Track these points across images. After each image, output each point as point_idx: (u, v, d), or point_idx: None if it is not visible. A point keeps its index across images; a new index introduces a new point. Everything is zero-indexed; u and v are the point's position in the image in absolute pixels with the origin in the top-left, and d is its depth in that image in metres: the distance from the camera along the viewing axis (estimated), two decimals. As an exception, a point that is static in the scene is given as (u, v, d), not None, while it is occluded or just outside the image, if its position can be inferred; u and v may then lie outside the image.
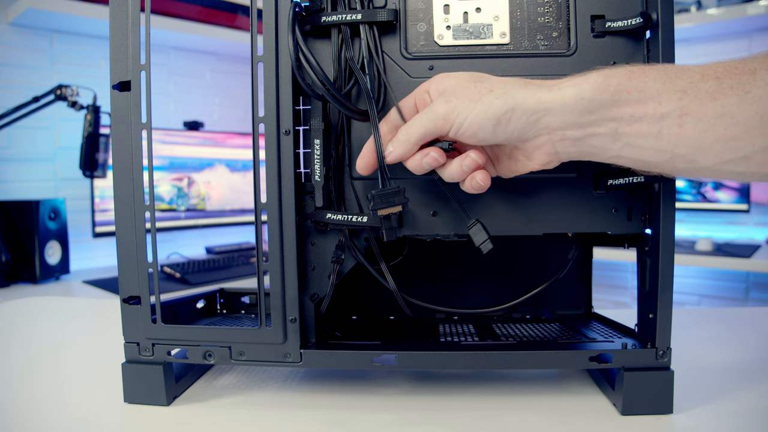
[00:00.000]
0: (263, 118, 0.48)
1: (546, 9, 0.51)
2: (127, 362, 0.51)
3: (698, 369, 0.59)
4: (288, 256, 0.49)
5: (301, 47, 0.46)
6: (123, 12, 0.48)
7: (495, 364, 0.50)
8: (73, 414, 0.50)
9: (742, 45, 2.12)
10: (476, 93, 0.42)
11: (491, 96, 0.42)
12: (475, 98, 0.42)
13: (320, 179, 0.49)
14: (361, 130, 0.51)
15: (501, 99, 0.42)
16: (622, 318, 0.59)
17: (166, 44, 2.22)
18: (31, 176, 1.91)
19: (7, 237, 1.72)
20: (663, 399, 0.48)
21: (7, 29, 1.84)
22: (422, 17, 0.51)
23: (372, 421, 0.48)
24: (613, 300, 2.47)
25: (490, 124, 0.42)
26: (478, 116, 0.42)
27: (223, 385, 0.56)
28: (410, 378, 0.58)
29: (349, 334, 0.58)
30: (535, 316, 0.66)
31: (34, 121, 1.81)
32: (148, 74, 0.49)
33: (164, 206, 2.07)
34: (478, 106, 0.42)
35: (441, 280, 0.67)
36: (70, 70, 1.96)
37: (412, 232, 0.51)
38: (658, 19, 0.47)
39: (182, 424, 0.48)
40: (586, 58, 0.50)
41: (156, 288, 0.50)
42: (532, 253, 0.66)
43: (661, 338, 0.48)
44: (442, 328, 0.61)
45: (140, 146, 0.49)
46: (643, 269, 0.51)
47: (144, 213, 0.49)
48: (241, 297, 0.69)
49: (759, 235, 2.22)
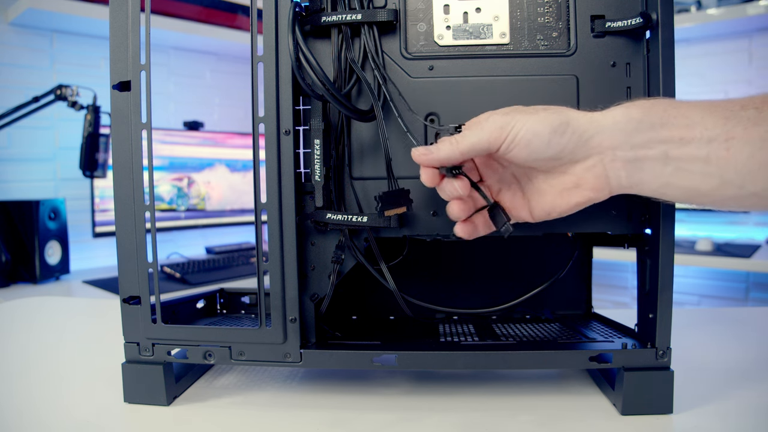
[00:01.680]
0: (263, 118, 0.48)
1: (546, 9, 0.51)
2: (127, 362, 0.51)
3: (698, 369, 0.59)
4: (288, 256, 0.49)
5: (301, 47, 0.46)
6: (123, 12, 0.48)
7: (495, 364, 0.50)
8: (73, 414, 0.50)
9: (742, 45, 2.12)
10: (531, 110, 0.43)
11: (546, 112, 0.43)
12: (530, 112, 0.43)
13: (320, 179, 0.49)
14: (361, 130, 0.51)
15: (555, 114, 0.42)
16: (622, 318, 0.59)
17: (166, 44, 2.22)
18: (31, 176, 1.91)
19: (7, 237, 1.71)
20: (663, 399, 0.48)
21: (7, 29, 1.84)
22: (422, 17, 0.51)
23: (372, 421, 0.48)
24: (613, 300, 2.47)
25: (547, 131, 0.42)
26: (534, 125, 0.42)
27: (223, 385, 0.56)
28: (410, 378, 0.58)
29: (349, 334, 0.58)
30: (535, 316, 0.66)
31: (34, 121, 1.81)
32: (148, 74, 0.49)
33: (164, 206, 2.07)
34: (534, 116, 0.42)
35: (441, 280, 0.67)
36: (70, 70, 1.96)
37: (412, 232, 0.51)
38: (658, 19, 0.47)
39: (182, 424, 0.48)
40: (586, 58, 0.50)
41: (156, 288, 0.50)
42: (532, 253, 0.66)
43: (661, 338, 0.48)
44: (442, 328, 0.61)
45: (140, 146, 0.49)
46: (643, 269, 0.51)
47: (144, 213, 0.49)
48: (241, 297, 0.69)
49: (759, 235, 2.22)
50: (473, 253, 0.66)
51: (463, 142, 0.43)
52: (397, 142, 0.50)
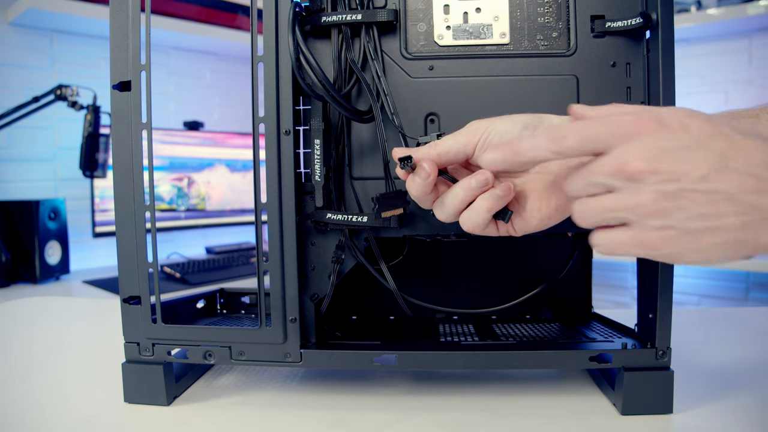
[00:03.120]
0: (263, 118, 0.48)
1: (546, 9, 0.51)
2: (127, 362, 0.51)
3: (698, 369, 0.59)
4: (288, 256, 0.49)
5: (301, 47, 0.46)
6: (123, 12, 0.48)
7: (495, 364, 0.50)
8: (73, 414, 0.50)
9: (742, 45, 2.12)
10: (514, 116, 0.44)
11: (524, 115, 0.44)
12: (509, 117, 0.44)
13: (320, 179, 0.49)
14: (361, 130, 0.51)
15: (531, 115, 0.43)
16: (622, 318, 0.59)
17: (166, 44, 2.22)
18: (31, 176, 1.91)
19: (7, 237, 1.71)
20: (663, 399, 0.48)
21: (7, 29, 1.83)
22: (422, 17, 0.51)
23: (372, 421, 0.48)
24: (613, 300, 2.47)
25: (517, 128, 0.43)
26: (505, 124, 0.43)
27: (223, 385, 0.56)
28: (410, 378, 0.58)
29: (349, 334, 0.58)
30: (535, 316, 0.66)
31: (34, 121, 1.81)
32: (148, 74, 0.49)
33: (164, 206, 2.07)
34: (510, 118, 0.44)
35: (441, 280, 0.67)
36: (70, 70, 1.96)
37: (412, 232, 0.51)
38: (658, 19, 0.47)
39: (182, 424, 0.48)
40: (586, 58, 0.50)
41: (156, 288, 0.50)
42: (532, 253, 0.66)
43: (661, 338, 0.48)
44: (442, 328, 0.61)
45: (140, 146, 0.49)
46: (643, 269, 0.51)
47: (144, 213, 0.49)
48: (241, 297, 0.69)
49: (759, 235, 2.21)
50: (473, 253, 0.66)
51: (441, 145, 0.43)
52: (396, 142, 0.50)
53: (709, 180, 0.32)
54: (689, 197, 0.32)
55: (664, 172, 0.32)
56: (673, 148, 0.33)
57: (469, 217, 0.43)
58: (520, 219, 0.44)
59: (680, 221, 0.33)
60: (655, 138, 0.33)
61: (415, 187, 0.43)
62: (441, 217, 0.45)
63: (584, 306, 0.67)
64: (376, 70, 0.49)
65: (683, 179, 0.32)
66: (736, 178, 0.31)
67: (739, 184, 0.31)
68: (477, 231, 0.44)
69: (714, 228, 0.32)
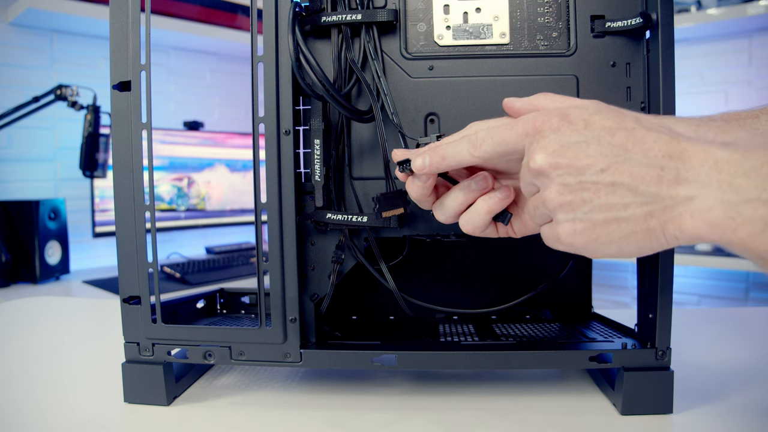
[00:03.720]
0: (263, 118, 0.48)
1: (546, 9, 0.51)
2: (127, 362, 0.51)
3: (698, 369, 0.59)
4: (288, 256, 0.49)
5: (301, 47, 0.46)
6: (123, 12, 0.48)
7: (495, 364, 0.50)
8: (73, 414, 0.50)
9: (742, 45, 2.12)
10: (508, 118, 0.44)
11: None
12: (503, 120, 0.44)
13: (320, 179, 0.50)
14: (361, 130, 0.51)
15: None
16: (622, 318, 0.59)
17: (166, 44, 2.22)
18: (31, 176, 1.91)
19: (7, 237, 1.71)
20: (663, 399, 0.48)
21: (7, 29, 1.84)
22: (422, 17, 0.51)
23: (372, 421, 0.48)
24: (613, 300, 2.47)
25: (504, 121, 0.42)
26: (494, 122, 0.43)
27: (223, 385, 0.56)
28: (410, 378, 0.58)
29: (349, 334, 0.58)
30: (535, 316, 0.66)
31: (34, 121, 1.81)
32: (148, 74, 0.49)
33: (164, 206, 2.07)
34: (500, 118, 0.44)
35: (441, 280, 0.67)
36: (70, 70, 1.96)
37: (412, 232, 0.51)
38: (658, 19, 0.47)
39: (182, 424, 0.48)
40: (586, 58, 0.50)
41: (156, 288, 0.50)
42: (532, 253, 0.66)
43: (661, 338, 0.48)
44: (442, 328, 0.61)
45: (140, 146, 0.49)
46: (642, 269, 0.51)
47: (144, 213, 0.49)
48: (241, 297, 0.69)
49: (759, 235, 2.21)
50: (473, 253, 0.66)
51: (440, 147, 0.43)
52: (396, 142, 0.50)
53: (609, 172, 0.33)
54: (591, 189, 0.34)
55: (565, 167, 0.34)
56: (574, 143, 0.34)
57: (468, 219, 0.43)
58: (519, 221, 0.44)
59: (586, 213, 0.34)
60: (558, 134, 0.35)
61: (415, 189, 0.43)
62: (441, 219, 0.45)
63: (584, 306, 0.67)
64: (376, 70, 0.49)
65: (585, 172, 0.34)
66: (636, 169, 0.33)
67: (639, 175, 0.33)
68: (476, 233, 0.44)
69: (620, 219, 0.33)
